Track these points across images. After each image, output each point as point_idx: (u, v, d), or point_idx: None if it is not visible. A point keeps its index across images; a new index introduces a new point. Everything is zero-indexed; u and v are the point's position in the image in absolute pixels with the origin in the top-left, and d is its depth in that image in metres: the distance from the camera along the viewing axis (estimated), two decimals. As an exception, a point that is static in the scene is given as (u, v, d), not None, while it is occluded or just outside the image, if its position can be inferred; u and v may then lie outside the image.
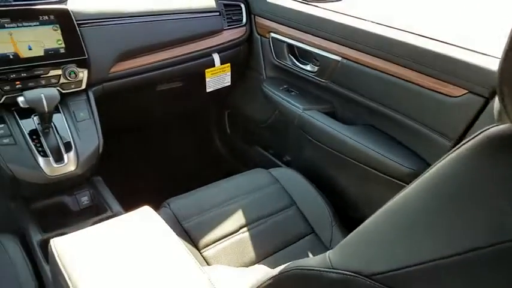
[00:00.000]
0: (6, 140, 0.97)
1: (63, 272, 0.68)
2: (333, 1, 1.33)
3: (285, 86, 1.41)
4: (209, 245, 1.03)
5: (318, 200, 1.18)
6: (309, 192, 1.21)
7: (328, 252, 0.55)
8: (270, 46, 1.41)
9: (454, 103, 0.93)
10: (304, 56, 1.35)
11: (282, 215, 1.14)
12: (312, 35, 1.25)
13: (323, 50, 1.23)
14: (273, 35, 1.39)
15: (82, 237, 0.73)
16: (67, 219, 1.12)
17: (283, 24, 1.35)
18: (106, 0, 1.15)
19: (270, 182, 1.23)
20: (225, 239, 1.05)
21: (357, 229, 0.53)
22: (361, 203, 1.25)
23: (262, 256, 1.03)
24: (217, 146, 1.96)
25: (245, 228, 1.08)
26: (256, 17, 1.44)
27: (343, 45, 1.17)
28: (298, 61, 1.35)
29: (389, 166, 1.08)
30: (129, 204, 1.15)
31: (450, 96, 0.94)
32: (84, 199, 1.17)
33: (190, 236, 1.04)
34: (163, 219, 0.76)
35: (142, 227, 0.78)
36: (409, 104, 1.04)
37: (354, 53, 1.14)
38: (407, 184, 0.48)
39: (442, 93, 0.95)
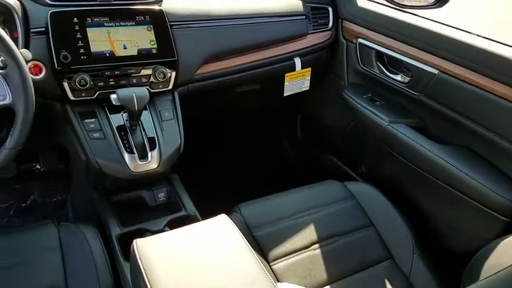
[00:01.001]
0: (96, 134, 1.03)
1: (144, 274, 0.70)
2: (430, 7, 1.24)
3: (369, 95, 1.35)
4: (279, 258, 1.01)
5: (398, 222, 1.12)
6: (389, 212, 1.15)
7: None
8: (357, 52, 1.36)
9: None
10: (393, 65, 1.28)
11: (357, 235, 1.09)
12: (405, 43, 1.18)
13: (417, 61, 1.15)
14: (360, 40, 1.34)
15: (162, 241, 0.75)
16: (143, 214, 1.17)
17: (373, 30, 1.28)
18: (197, 2, 1.17)
19: (346, 197, 1.19)
20: (295, 254, 1.03)
21: None
22: (447, 231, 1.17)
23: (333, 278, 0.99)
24: (286, 150, 1.95)
25: (317, 245, 1.05)
26: (343, 21, 1.40)
27: (441, 58, 1.09)
28: (387, 70, 1.28)
29: (484, 194, 0.99)
30: (201, 202, 1.18)
31: None
32: (161, 195, 1.22)
33: (260, 246, 1.03)
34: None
35: (219, 236, 0.79)
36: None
37: (453, 67, 1.06)
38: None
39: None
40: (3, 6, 0.91)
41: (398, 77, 1.24)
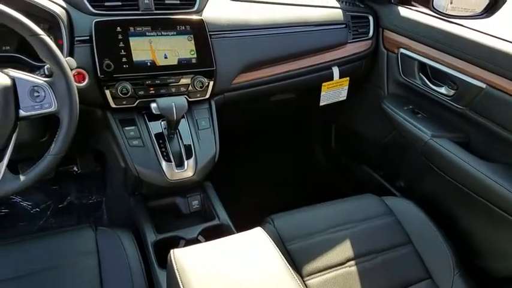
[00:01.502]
0: (135, 142, 1.05)
1: (181, 285, 0.72)
2: (477, 17, 1.19)
3: (410, 107, 1.32)
4: (313, 273, 1.00)
5: (438, 241, 1.08)
6: (429, 230, 1.11)
7: None
8: (398, 62, 1.33)
9: None
10: (437, 76, 1.24)
11: (394, 253, 1.06)
12: (450, 55, 1.15)
13: (463, 74, 1.11)
14: (402, 50, 1.31)
15: (199, 252, 0.76)
16: (178, 221, 1.19)
17: (416, 41, 1.25)
18: (235, 11, 1.18)
19: (383, 212, 1.16)
20: (330, 270, 1.01)
21: None
22: (490, 251, 1.12)
23: (369, 297, 0.97)
24: (319, 160, 1.93)
25: (353, 262, 1.03)
26: (384, 30, 1.38)
27: (489, 71, 1.04)
28: (430, 82, 1.24)
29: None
30: (234, 211, 1.19)
31: None
32: (195, 203, 1.23)
33: (294, 260, 1.02)
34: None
35: (255, 250, 0.79)
36: None
37: (502, 81, 1.02)
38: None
39: None
40: (50, 14, 0.95)
41: (443, 90, 1.20)
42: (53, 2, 0.96)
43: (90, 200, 1.76)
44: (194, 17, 1.08)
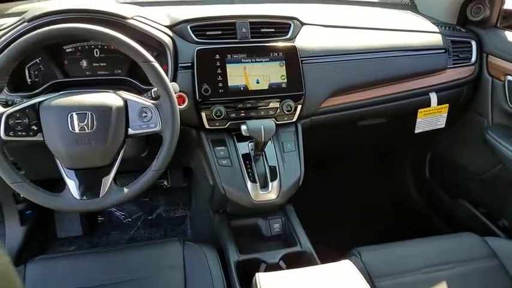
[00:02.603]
0: (224, 162, 1.13)
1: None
2: None
3: (519, 139, 1.22)
4: (405, 315, 0.96)
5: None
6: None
7: None
8: (505, 90, 1.25)
9: None
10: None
11: (497, 301, 0.98)
12: None
13: None
14: (510, 78, 1.23)
15: (285, 279, 0.78)
16: (258, 243, 1.23)
17: (527, 67, 1.17)
18: (328, 37, 1.21)
19: (485, 254, 1.08)
20: (424, 313, 0.96)
21: None
22: None
23: None
24: (411, 192, 1.84)
25: (449, 307, 0.97)
26: (489, 56, 1.32)
27: None
28: (542, 113, 1.15)
29: None
30: (315, 237, 1.19)
31: None
32: (276, 226, 1.26)
33: None
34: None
35: (343, 284, 0.78)
36: None
37: None
38: None
39: None
40: (159, 43, 1.08)
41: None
42: (162, 31, 1.10)
43: (176, 214, 1.90)
44: (287, 44, 1.14)
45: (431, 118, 1.37)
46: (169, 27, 1.12)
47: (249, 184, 1.11)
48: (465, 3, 1.34)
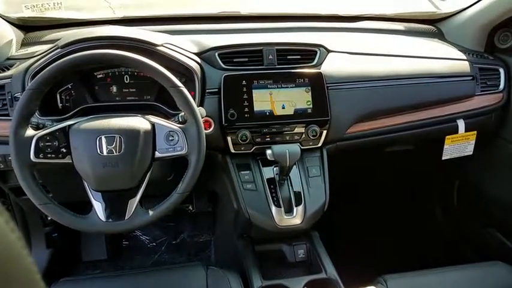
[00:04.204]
0: (249, 186, 1.13)
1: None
2: None
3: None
4: None
5: None
6: None
7: None
8: (534, 117, 1.23)
9: None
10: None
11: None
12: None
13: None
14: (539, 105, 1.21)
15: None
16: (283, 269, 1.22)
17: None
18: (354, 63, 1.23)
19: (516, 285, 1.03)
20: None
21: None
22: None
23: None
24: (438, 220, 1.80)
25: None
26: (518, 82, 1.29)
27: None
28: None
29: None
30: (340, 264, 1.17)
31: None
32: (301, 252, 1.25)
33: None
34: None
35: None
36: None
37: None
38: None
39: None
40: (187, 69, 1.12)
41: None
42: (190, 58, 1.13)
43: (200, 239, 1.90)
44: (313, 70, 1.16)
45: (459, 145, 1.35)
46: (198, 54, 1.15)
47: (273, 209, 1.11)
48: (493, 31, 1.34)
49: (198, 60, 1.14)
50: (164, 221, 1.89)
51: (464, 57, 1.32)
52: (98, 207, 0.95)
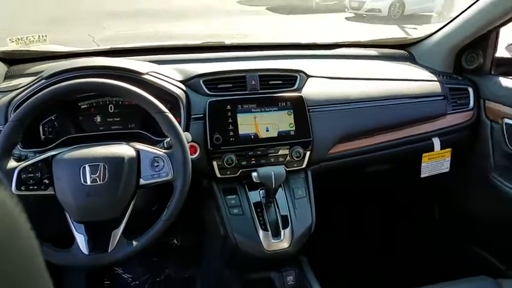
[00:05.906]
0: (235, 210, 1.14)
1: None
2: None
3: (523, 180, 1.25)
4: None
5: None
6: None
7: None
8: (503, 133, 1.30)
9: None
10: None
11: None
12: None
13: None
14: (507, 121, 1.29)
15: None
16: (272, 297, 1.20)
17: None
18: (332, 87, 1.29)
19: (502, 297, 1.06)
20: None
21: None
22: None
23: None
24: (421, 236, 1.83)
25: None
26: (486, 101, 1.38)
27: None
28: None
29: None
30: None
31: None
32: (290, 279, 1.24)
33: None
34: None
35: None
36: None
37: None
38: None
39: None
40: (172, 96, 1.13)
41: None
42: (175, 86, 1.15)
43: (186, 274, 1.80)
44: (294, 94, 1.20)
45: (436, 162, 1.40)
46: (183, 81, 1.18)
47: (260, 233, 1.11)
48: (460, 53, 1.42)
49: (183, 87, 1.17)
50: (147, 257, 1.82)
51: (435, 78, 1.39)
52: (81, 240, 0.92)
